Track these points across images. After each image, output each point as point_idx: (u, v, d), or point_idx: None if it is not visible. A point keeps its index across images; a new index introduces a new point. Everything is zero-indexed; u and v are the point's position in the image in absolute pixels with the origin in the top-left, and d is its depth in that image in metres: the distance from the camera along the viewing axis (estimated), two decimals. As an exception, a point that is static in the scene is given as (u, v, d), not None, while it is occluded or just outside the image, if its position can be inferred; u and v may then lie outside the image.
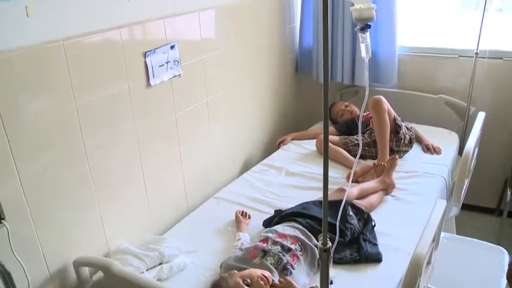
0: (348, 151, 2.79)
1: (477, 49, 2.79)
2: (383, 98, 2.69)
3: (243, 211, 2.28)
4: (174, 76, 2.18)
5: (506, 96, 2.97)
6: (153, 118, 2.12)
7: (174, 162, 2.32)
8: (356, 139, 2.85)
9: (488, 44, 2.85)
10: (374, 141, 2.72)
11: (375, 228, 2.09)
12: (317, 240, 1.89)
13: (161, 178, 2.23)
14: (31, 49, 1.52)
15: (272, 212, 2.23)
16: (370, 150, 2.77)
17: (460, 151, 2.93)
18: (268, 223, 2.13)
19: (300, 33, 3.40)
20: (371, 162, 2.70)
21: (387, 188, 2.42)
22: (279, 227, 1.97)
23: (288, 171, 2.73)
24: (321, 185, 1.00)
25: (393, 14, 3.01)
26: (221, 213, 2.33)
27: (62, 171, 1.70)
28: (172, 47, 2.13)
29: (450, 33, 3.19)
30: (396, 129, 2.73)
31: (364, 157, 2.79)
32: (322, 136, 1.30)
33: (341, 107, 3.22)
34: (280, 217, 2.09)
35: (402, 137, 2.73)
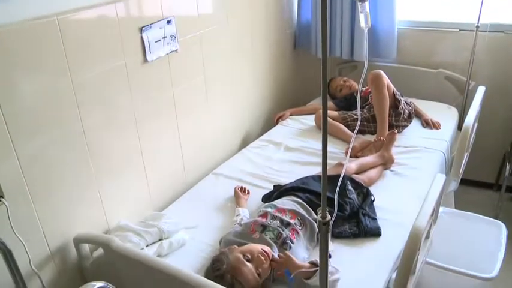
0: (347, 126, 2.78)
1: (478, 23, 2.75)
2: (382, 73, 2.67)
3: (242, 187, 2.28)
4: (171, 51, 2.16)
5: (506, 70, 2.95)
6: (151, 94, 2.10)
7: (173, 138, 2.31)
8: (355, 114, 2.84)
9: (489, 18, 2.81)
10: (373, 116, 2.71)
11: (374, 202, 2.09)
12: (316, 214, 1.90)
13: (160, 155, 2.23)
14: (24, 25, 1.49)
15: (271, 188, 2.23)
16: (369, 125, 2.76)
17: (460, 126, 2.92)
18: (267, 198, 2.13)
19: (298, 8, 3.35)
20: (370, 137, 2.70)
21: (386, 163, 2.42)
22: (278, 202, 1.98)
23: (287, 146, 2.72)
24: (320, 160, 0.99)
25: (393, -13, 2.97)
26: (220, 189, 2.34)
27: (60, 149, 1.70)
28: (168, 22, 2.09)
29: (450, 6, 3.15)
30: (395, 104, 2.72)
31: (363, 132, 2.79)
32: (321, 111, 1.28)
33: (340, 82, 3.20)
34: (279, 192, 2.09)
35: (401, 112, 2.72)
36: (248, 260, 1.62)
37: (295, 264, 1.63)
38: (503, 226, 2.19)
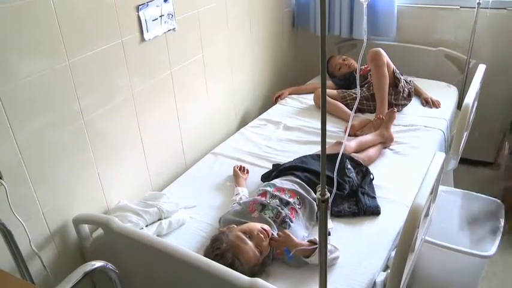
0: (346, 105, 2.77)
1: (479, -1, 2.72)
2: (382, 51, 2.64)
3: (241, 166, 2.28)
4: (169, 30, 2.13)
5: (507, 48, 2.92)
6: (148, 74, 2.08)
7: (171, 118, 2.30)
8: (354, 93, 2.82)
9: (491, -6, 2.78)
10: (372, 94, 2.69)
11: (373, 181, 2.09)
12: (315, 192, 1.90)
13: (158, 135, 2.22)
14: (18, 5, 1.46)
15: (270, 167, 2.23)
16: (368, 103, 2.75)
17: (459, 105, 2.91)
18: (266, 177, 2.13)
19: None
20: (369, 115, 2.69)
21: (385, 142, 2.41)
22: (277, 181, 1.98)
23: (286, 125, 2.71)
24: (319, 139, 0.99)
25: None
26: (219, 168, 2.33)
27: (58, 130, 1.69)
28: (165, 0, 2.06)
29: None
30: (395, 82, 2.70)
31: (362, 111, 2.78)
32: (320, 90, 1.28)
33: (339, 61, 3.17)
34: (278, 171, 2.09)
35: (401, 91, 2.70)
36: (248, 238, 1.63)
37: (294, 242, 1.63)
38: (501, 205, 2.20)
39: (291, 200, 1.85)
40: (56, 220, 1.76)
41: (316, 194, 1.05)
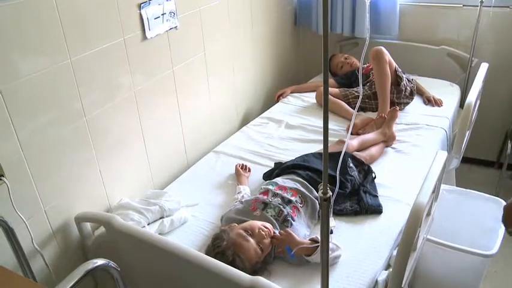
0: (348, 103, 2.77)
1: (482, -3, 2.72)
2: (384, 49, 2.64)
3: (243, 164, 2.28)
4: (171, 28, 2.13)
5: (510, 47, 2.91)
6: (150, 72, 2.08)
7: (173, 116, 2.30)
8: (356, 91, 2.82)
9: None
10: (374, 93, 2.69)
11: (375, 180, 2.09)
12: (317, 191, 1.90)
13: (160, 133, 2.22)
14: (21, 2, 1.46)
15: (272, 165, 2.23)
16: (370, 102, 2.74)
17: (462, 103, 2.91)
18: (268, 176, 2.13)
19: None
20: (371, 114, 2.69)
21: (387, 140, 2.41)
22: (279, 180, 1.98)
23: (288, 124, 2.71)
24: (321, 138, 0.99)
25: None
26: (221, 166, 2.33)
27: (60, 128, 1.69)
28: (167, -2, 2.07)
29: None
30: (397, 81, 2.70)
31: (364, 109, 2.77)
32: (322, 88, 1.28)
33: (341, 59, 3.17)
34: (280, 169, 2.09)
35: (403, 89, 2.70)
36: (249, 236, 1.63)
37: (296, 241, 1.63)
38: (503, 204, 2.19)
39: (293, 199, 1.85)
40: (58, 218, 1.76)
41: (318, 193, 1.05)
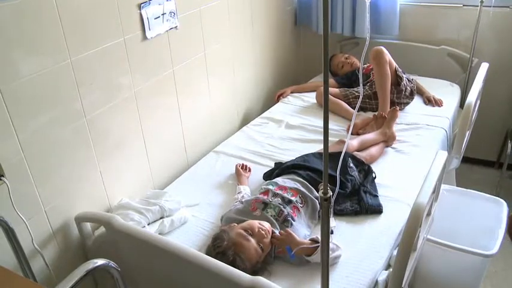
0: (349, 103, 2.77)
1: (482, -3, 2.71)
2: (384, 49, 2.64)
3: (243, 164, 2.28)
4: (171, 28, 2.13)
5: (510, 47, 2.91)
6: (151, 72, 2.08)
7: (173, 116, 2.30)
8: (356, 91, 2.82)
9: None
10: (375, 93, 2.69)
11: (376, 180, 2.09)
12: (317, 191, 1.90)
13: (160, 133, 2.22)
14: (21, 2, 1.46)
15: (272, 165, 2.23)
16: (370, 102, 2.74)
17: (462, 103, 2.91)
18: (268, 176, 2.13)
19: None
20: (372, 114, 2.68)
21: (388, 140, 2.41)
22: (280, 180, 1.98)
23: (288, 123, 2.71)
24: (321, 137, 0.99)
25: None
26: (221, 166, 2.33)
27: (60, 128, 1.69)
28: (168, -2, 2.07)
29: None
30: (397, 81, 2.70)
31: (364, 109, 2.77)
32: (322, 88, 1.28)
33: (341, 59, 3.17)
34: (280, 169, 2.09)
35: (403, 89, 2.70)
36: (249, 235, 1.63)
37: (296, 241, 1.63)
38: (504, 204, 2.19)
39: (293, 199, 1.85)
40: (58, 218, 1.76)
41: (318, 193, 1.05)
